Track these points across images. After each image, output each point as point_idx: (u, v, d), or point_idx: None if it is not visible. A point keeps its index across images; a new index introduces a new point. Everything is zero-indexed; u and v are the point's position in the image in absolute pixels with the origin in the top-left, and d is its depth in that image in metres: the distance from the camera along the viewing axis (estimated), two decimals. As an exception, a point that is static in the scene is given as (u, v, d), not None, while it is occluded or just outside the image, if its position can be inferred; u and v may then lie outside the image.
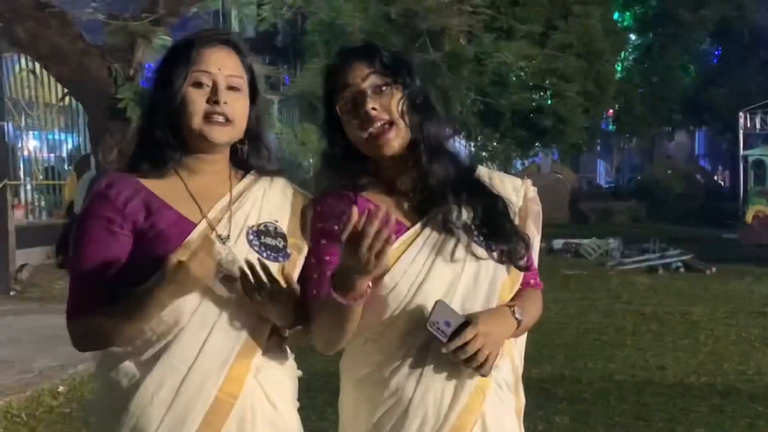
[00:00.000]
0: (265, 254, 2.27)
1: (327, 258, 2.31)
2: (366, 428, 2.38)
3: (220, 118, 2.26)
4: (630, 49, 29.52)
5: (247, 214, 2.32)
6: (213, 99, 2.25)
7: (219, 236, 2.25)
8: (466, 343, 2.19)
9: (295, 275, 2.31)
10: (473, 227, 2.35)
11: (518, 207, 2.48)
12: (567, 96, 20.21)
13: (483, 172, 2.51)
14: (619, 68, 27.13)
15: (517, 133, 21.01)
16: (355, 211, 2.00)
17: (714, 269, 15.42)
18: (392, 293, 2.28)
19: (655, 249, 16.83)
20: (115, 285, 2.21)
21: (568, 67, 20.02)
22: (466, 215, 2.35)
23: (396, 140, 2.32)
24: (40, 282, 12.21)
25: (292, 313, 2.26)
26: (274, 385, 2.33)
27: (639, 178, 35.61)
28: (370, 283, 2.15)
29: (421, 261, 2.30)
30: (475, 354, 2.20)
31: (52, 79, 14.24)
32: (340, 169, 2.40)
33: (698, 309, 11.14)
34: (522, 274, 2.44)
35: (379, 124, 2.30)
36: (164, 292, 2.12)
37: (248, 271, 2.15)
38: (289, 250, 2.33)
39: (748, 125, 25.11)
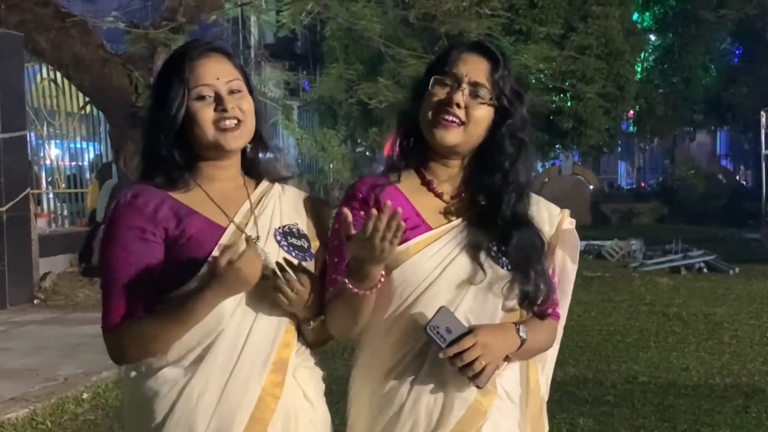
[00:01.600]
0: (293, 254, 2.31)
1: (344, 254, 2.31)
2: (365, 422, 2.41)
3: (232, 122, 2.28)
4: (650, 50, 29.40)
5: (270, 217, 2.36)
6: (220, 107, 2.27)
7: (249, 237, 2.29)
8: (463, 351, 2.19)
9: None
10: (500, 251, 2.34)
11: (549, 236, 2.47)
12: (587, 97, 20.19)
13: (530, 199, 2.49)
14: (639, 69, 27.04)
15: (538, 136, 20.92)
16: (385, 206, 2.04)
17: (737, 269, 15.31)
18: (399, 290, 2.29)
19: (678, 250, 16.74)
20: (152, 293, 2.23)
21: (588, 68, 20.00)
22: (502, 246, 2.34)
23: (455, 137, 2.33)
24: (63, 290, 12.25)
25: (317, 306, 2.30)
26: (309, 382, 2.38)
27: (661, 178, 35.48)
28: (383, 273, 2.17)
29: (435, 262, 2.30)
30: (472, 363, 2.20)
31: (74, 88, 14.37)
32: (401, 148, 2.45)
33: (722, 309, 11.08)
34: (553, 297, 2.44)
35: (450, 117, 2.32)
36: (214, 294, 2.14)
37: (278, 271, 2.19)
38: (312, 251, 2.37)
39: (770, 124, 24.92)
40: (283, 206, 2.41)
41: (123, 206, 2.30)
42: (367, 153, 24.35)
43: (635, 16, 27.25)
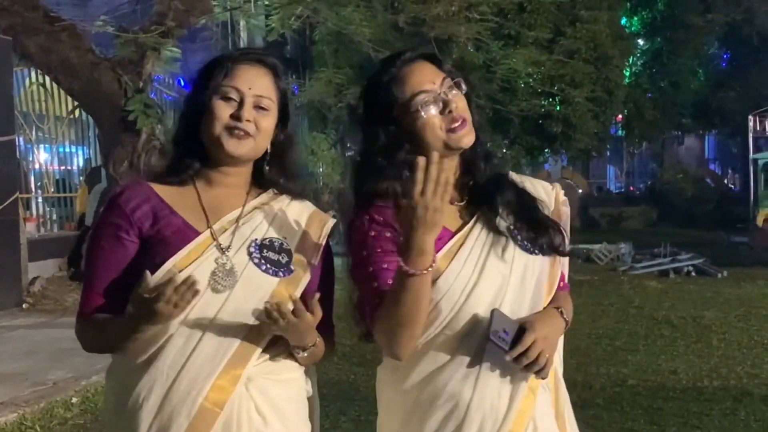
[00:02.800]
0: (264, 267, 2.29)
1: (385, 266, 2.30)
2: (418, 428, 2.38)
3: (240, 132, 2.29)
4: (638, 54, 29.46)
5: (254, 228, 2.35)
6: (236, 114, 2.29)
7: (219, 246, 2.28)
8: (527, 350, 2.24)
9: (298, 292, 2.30)
10: (515, 228, 2.42)
11: (551, 209, 2.54)
12: (576, 102, 20.20)
13: (513, 176, 2.58)
14: (627, 73, 27.06)
15: (527, 140, 21.00)
16: (420, 161, 2.08)
17: (725, 273, 15.39)
18: (445, 297, 2.30)
19: (666, 253, 16.81)
20: (122, 290, 2.24)
21: (577, 72, 20.01)
22: (508, 216, 2.42)
23: (471, 134, 2.39)
24: (52, 294, 12.23)
25: (314, 335, 2.29)
26: (267, 396, 2.31)
27: (649, 182, 35.59)
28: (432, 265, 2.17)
29: (472, 264, 2.34)
30: (536, 359, 2.25)
31: (63, 92, 14.32)
32: (386, 169, 2.40)
33: (710, 313, 11.12)
34: (561, 271, 2.50)
35: (458, 122, 2.36)
36: (134, 320, 2.15)
37: (272, 310, 2.15)
38: (292, 267, 2.34)
39: (758, 128, 25.08)
40: (277, 219, 2.39)
41: (108, 202, 2.35)
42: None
43: (624, 21, 27.28)
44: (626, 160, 41.72)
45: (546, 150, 22.66)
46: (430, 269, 2.15)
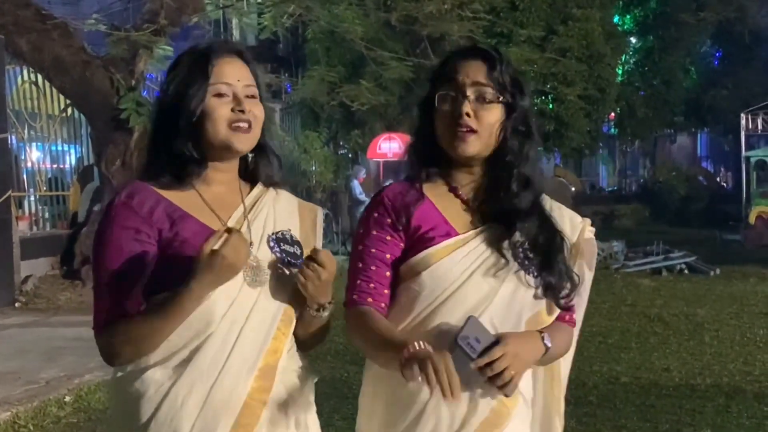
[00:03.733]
0: (287, 260, 2.29)
1: (373, 251, 2.37)
2: (379, 425, 2.42)
3: (245, 125, 2.28)
4: (631, 52, 29.51)
5: (264, 222, 2.35)
6: (238, 108, 2.27)
7: (231, 228, 2.23)
8: (493, 361, 2.21)
9: None
10: (525, 254, 2.37)
11: (572, 243, 2.48)
12: (568, 100, 20.25)
13: (545, 200, 2.52)
14: (620, 71, 27.13)
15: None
16: None
17: (718, 270, 15.42)
18: (425, 293, 2.32)
19: (659, 251, 16.81)
20: (143, 295, 2.21)
21: (569, 71, 20.06)
22: (521, 240, 2.37)
23: (474, 146, 2.35)
24: (45, 293, 12.20)
25: (331, 286, 2.30)
26: (296, 387, 2.36)
27: (642, 181, 35.64)
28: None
29: (462, 268, 2.33)
30: (501, 373, 2.22)
31: (55, 91, 14.30)
32: (418, 156, 2.46)
33: (703, 310, 11.15)
34: (557, 310, 2.45)
35: (464, 129, 2.34)
36: (200, 284, 2.12)
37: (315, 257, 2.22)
38: (304, 257, 2.33)
39: (750, 126, 25.11)
40: (276, 211, 2.40)
41: (118, 206, 2.27)
42: (350, 155, 24.34)
43: (616, 19, 27.34)
44: (618, 158, 41.74)
45: (538, 148, 22.69)
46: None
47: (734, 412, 6.59)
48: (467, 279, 2.32)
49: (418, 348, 2.08)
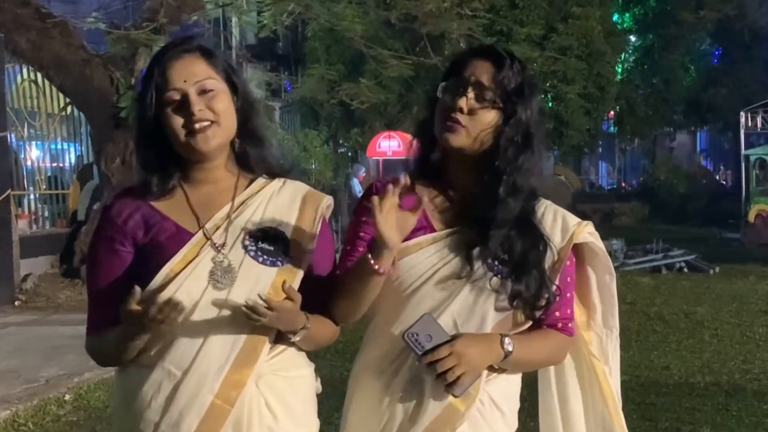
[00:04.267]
0: (260, 259, 2.28)
1: (362, 234, 2.39)
2: (346, 418, 2.51)
3: (202, 125, 2.25)
4: (630, 51, 29.51)
5: (247, 220, 2.32)
6: (187, 111, 2.25)
7: (214, 245, 2.27)
8: (438, 360, 2.21)
9: (298, 279, 2.30)
10: (497, 261, 2.33)
11: (558, 248, 2.41)
12: (568, 98, 20.25)
13: (541, 205, 2.46)
14: (619, 70, 27.13)
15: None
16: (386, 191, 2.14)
17: (717, 269, 15.42)
18: (396, 283, 2.34)
19: (659, 249, 16.80)
20: (120, 299, 2.21)
21: (569, 69, 20.05)
22: (493, 247, 2.33)
23: (459, 140, 2.33)
24: (44, 291, 12.20)
25: (302, 318, 2.26)
26: (277, 393, 2.31)
27: (641, 179, 35.64)
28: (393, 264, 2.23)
29: (427, 266, 2.33)
30: (447, 372, 2.22)
31: (54, 89, 14.29)
32: (419, 158, 2.49)
33: (702, 309, 11.14)
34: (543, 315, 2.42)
35: (452, 123, 2.33)
36: (129, 334, 2.18)
37: (250, 312, 2.15)
38: (290, 254, 2.32)
39: (749, 124, 25.07)
40: (270, 206, 2.37)
41: (101, 217, 2.37)
42: (349, 154, 24.33)
43: (615, 17, 27.33)
44: (618, 156, 41.77)
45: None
46: (382, 271, 2.21)
47: (734, 411, 6.59)
48: (428, 279, 2.33)
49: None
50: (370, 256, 2.20)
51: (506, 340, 2.30)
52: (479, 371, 2.30)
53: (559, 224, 2.46)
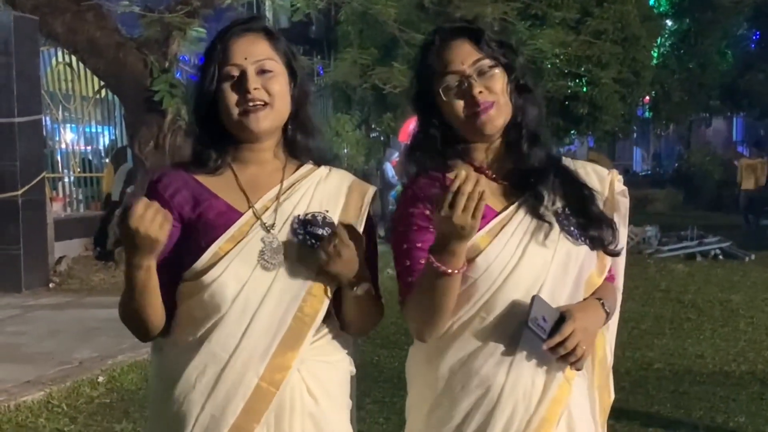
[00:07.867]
0: (309, 243, 2.27)
1: (419, 245, 2.30)
2: (448, 420, 2.34)
3: (256, 104, 2.26)
4: (666, 35, 29.23)
5: (295, 204, 2.32)
6: (243, 88, 2.26)
7: (264, 225, 2.27)
8: (564, 339, 2.20)
9: None
10: (563, 214, 2.35)
11: (604, 197, 2.47)
12: (603, 83, 20.05)
13: (567, 161, 2.52)
14: (655, 54, 26.85)
15: (553, 121, 20.83)
16: (458, 174, 2.02)
17: (753, 256, 15.27)
18: (483, 277, 2.27)
19: (693, 236, 16.65)
20: (168, 276, 2.24)
21: (604, 53, 19.85)
22: (556, 202, 2.36)
23: (499, 119, 2.33)
24: (78, 274, 12.30)
25: (362, 270, 2.26)
26: (318, 378, 2.31)
27: (676, 165, 35.33)
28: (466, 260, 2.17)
29: (513, 246, 2.29)
30: (574, 349, 2.22)
31: (89, 72, 14.38)
32: (432, 150, 2.41)
33: (737, 296, 11.04)
34: (609, 264, 2.44)
35: (482, 107, 2.31)
36: (131, 255, 2.13)
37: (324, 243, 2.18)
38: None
39: (787, 111, 24.79)
40: (317, 192, 2.37)
41: (147, 190, 2.33)
42: (382, 138, 24.30)
43: (651, 1, 27.05)
44: (653, 142, 41.46)
45: (572, 131, 22.51)
46: (458, 271, 2.14)
47: (769, 400, 6.54)
48: (522, 255, 2.29)
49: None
50: (434, 262, 2.12)
51: (604, 302, 2.36)
52: (594, 340, 2.34)
53: (594, 175, 2.51)
